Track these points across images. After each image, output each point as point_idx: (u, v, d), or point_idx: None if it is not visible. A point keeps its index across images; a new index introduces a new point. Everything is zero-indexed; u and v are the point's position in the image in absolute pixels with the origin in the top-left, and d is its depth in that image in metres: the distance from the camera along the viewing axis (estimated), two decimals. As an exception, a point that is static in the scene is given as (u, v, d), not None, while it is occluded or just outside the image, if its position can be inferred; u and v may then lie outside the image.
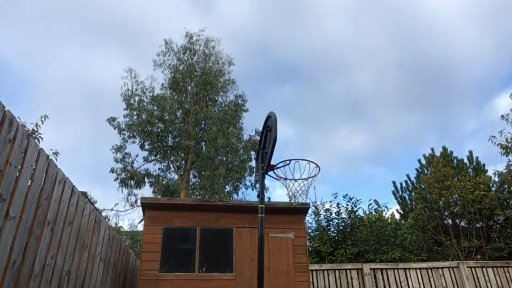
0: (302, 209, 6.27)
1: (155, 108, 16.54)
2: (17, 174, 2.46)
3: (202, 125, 17.34)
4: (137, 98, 16.88)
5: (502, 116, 10.10)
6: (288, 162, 4.65)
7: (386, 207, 11.79)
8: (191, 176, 17.08)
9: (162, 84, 17.93)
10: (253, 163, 16.87)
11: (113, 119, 16.43)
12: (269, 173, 4.49)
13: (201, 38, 18.50)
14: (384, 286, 7.70)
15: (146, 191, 17.51)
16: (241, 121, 17.87)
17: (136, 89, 17.08)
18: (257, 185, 4.61)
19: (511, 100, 9.71)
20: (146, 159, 16.91)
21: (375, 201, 12.24)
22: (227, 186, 16.79)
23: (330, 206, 10.60)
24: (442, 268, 7.97)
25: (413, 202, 13.47)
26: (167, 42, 18.27)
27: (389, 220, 11.89)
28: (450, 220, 10.85)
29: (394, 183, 15.57)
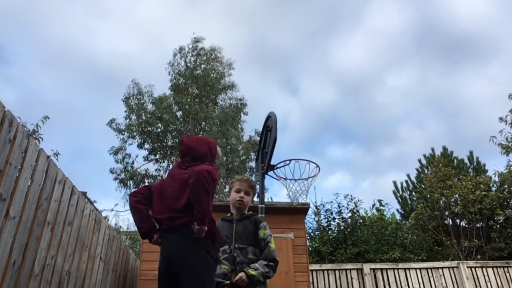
0: (302, 209, 6.26)
1: (155, 108, 16.56)
2: (17, 174, 2.46)
3: (203, 125, 17.35)
4: (136, 101, 16.91)
5: (500, 118, 10.10)
6: (288, 162, 4.64)
7: (387, 204, 11.81)
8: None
9: (167, 89, 17.98)
10: (253, 163, 16.88)
11: (112, 120, 16.47)
12: (269, 173, 4.49)
13: (204, 46, 18.54)
14: (384, 286, 7.70)
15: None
16: (241, 122, 17.91)
17: (137, 93, 17.13)
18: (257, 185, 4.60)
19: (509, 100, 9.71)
20: (146, 158, 16.94)
21: (379, 201, 12.19)
22: (227, 186, 16.79)
23: (331, 206, 10.61)
24: (442, 268, 7.96)
25: (414, 201, 13.46)
26: (180, 47, 18.38)
27: (390, 220, 11.87)
28: (450, 220, 10.84)
29: (394, 182, 15.56)
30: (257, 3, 31.27)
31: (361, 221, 10.38)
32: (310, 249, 9.53)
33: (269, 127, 4.43)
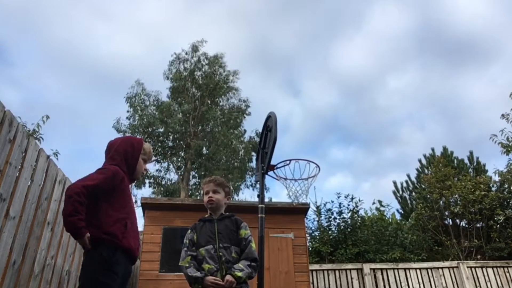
0: (302, 209, 6.26)
1: (157, 113, 16.58)
2: (17, 174, 2.46)
3: (204, 126, 17.38)
4: (140, 101, 16.95)
5: (502, 115, 10.08)
6: (288, 162, 4.64)
7: (388, 205, 11.83)
8: (191, 176, 17.10)
9: (168, 92, 17.97)
10: (253, 164, 16.88)
11: (118, 120, 16.56)
12: (269, 173, 4.48)
13: (206, 50, 18.51)
14: (384, 286, 7.70)
15: (146, 192, 17.54)
16: (243, 124, 17.94)
17: (141, 94, 17.17)
18: (258, 185, 4.61)
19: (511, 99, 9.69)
20: (145, 159, 16.94)
21: (379, 201, 12.20)
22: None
23: (332, 206, 10.62)
24: (442, 268, 7.96)
25: (414, 202, 13.46)
26: (176, 53, 18.35)
27: (390, 220, 11.89)
28: (450, 220, 10.84)
29: (394, 183, 15.56)
30: (260, 5, 31.36)
31: (360, 220, 10.38)
32: (310, 249, 9.53)
33: (269, 127, 4.42)
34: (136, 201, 15.74)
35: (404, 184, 15.29)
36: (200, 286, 2.48)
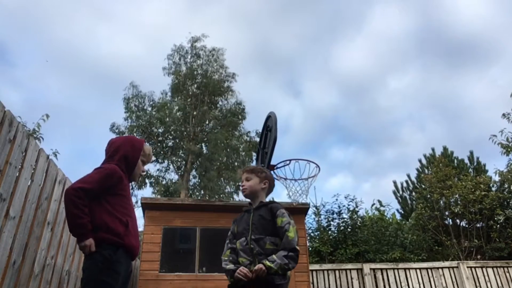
0: (302, 209, 6.25)
1: (155, 113, 16.57)
2: (17, 174, 2.46)
3: (204, 127, 17.38)
4: (137, 102, 16.96)
5: (503, 114, 10.08)
6: (288, 162, 4.65)
7: (389, 205, 11.84)
8: (191, 176, 17.10)
9: (164, 90, 17.96)
10: (254, 163, 16.87)
11: (113, 125, 16.55)
12: (269, 173, 4.49)
13: (205, 45, 18.47)
14: (384, 286, 7.69)
15: (146, 192, 17.54)
16: (242, 125, 17.94)
17: (137, 94, 17.18)
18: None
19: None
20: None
21: (379, 201, 12.22)
22: (228, 187, 16.86)
23: (331, 207, 10.62)
24: (442, 268, 7.95)
25: (414, 202, 13.46)
26: (176, 47, 18.31)
27: (390, 220, 11.89)
28: (450, 220, 10.85)
29: (394, 182, 15.57)
30: (260, 6, 31.39)
31: (360, 220, 10.38)
32: (310, 249, 9.53)
33: (269, 127, 4.43)
34: (136, 201, 15.83)
35: (404, 184, 15.30)
36: (232, 279, 2.40)
